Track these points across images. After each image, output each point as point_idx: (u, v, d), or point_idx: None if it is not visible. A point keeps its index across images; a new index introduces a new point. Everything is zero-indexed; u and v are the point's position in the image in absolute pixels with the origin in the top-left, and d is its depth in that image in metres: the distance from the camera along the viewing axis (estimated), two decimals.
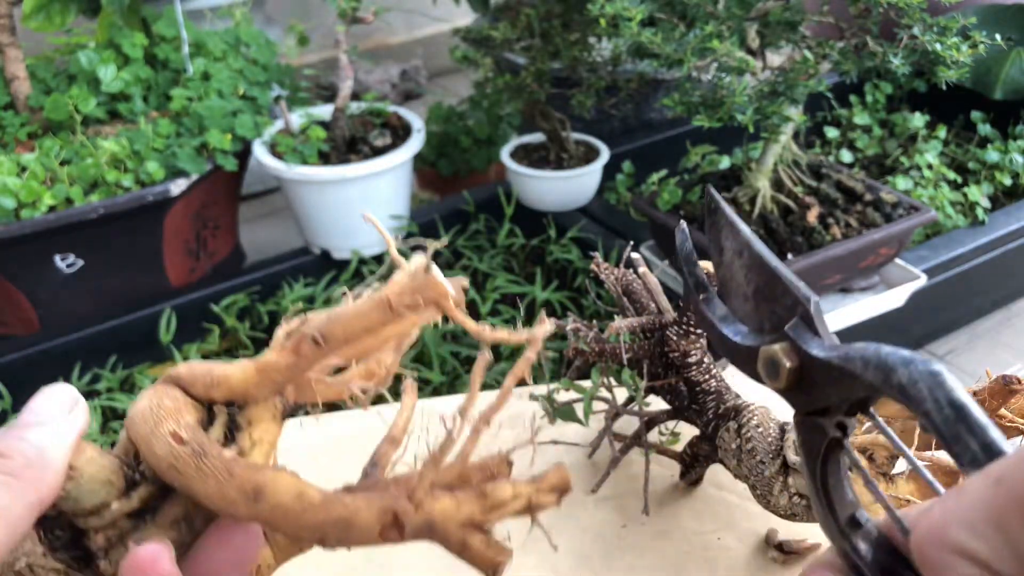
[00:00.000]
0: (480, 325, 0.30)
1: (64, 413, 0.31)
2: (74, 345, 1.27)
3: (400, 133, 1.50)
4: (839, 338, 0.35)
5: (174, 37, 1.48)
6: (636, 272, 0.66)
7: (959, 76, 1.04)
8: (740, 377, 0.66)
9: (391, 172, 1.40)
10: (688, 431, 0.66)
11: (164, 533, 0.30)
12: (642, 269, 0.66)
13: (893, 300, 1.30)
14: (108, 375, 1.23)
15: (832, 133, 1.74)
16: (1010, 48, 1.64)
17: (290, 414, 0.35)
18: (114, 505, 0.30)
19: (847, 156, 1.69)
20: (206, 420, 0.32)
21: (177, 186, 1.31)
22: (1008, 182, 1.58)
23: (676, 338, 0.60)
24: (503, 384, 0.30)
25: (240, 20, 1.57)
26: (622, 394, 0.67)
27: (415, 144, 1.44)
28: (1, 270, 1.26)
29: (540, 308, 1.37)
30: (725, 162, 1.58)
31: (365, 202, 1.41)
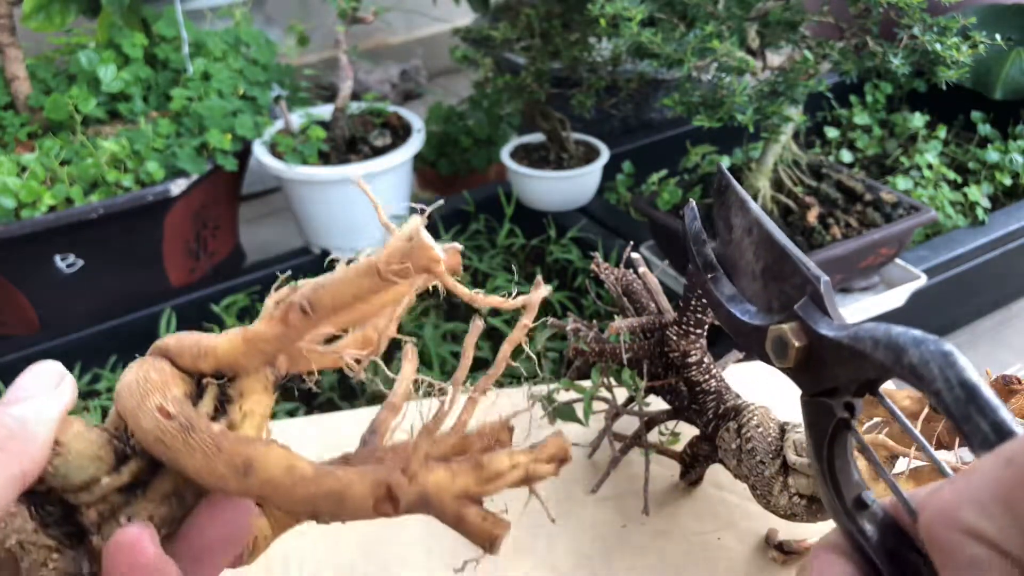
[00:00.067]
0: (473, 292, 0.29)
1: (49, 388, 0.31)
2: (74, 345, 1.27)
3: (400, 133, 1.50)
4: None
5: (174, 37, 1.48)
6: (636, 272, 0.66)
7: (959, 76, 1.04)
8: (740, 377, 0.66)
9: (391, 172, 1.40)
10: (688, 431, 0.66)
11: (155, 508, 0.30)
12: (642, 269, 0.66)
13: (893, 300, 1.30)
14: (108, 375, 1.23)
15: (832, 133, 1.74)
16: (1010, 48, 1.64)
17: (283, 384, 0.34)
18: (104, 480, 0.29)
19: (847, 156, 1.69)
20: (195, 393, 0.31)
21: (177, 186, 1.31)
22: (1008, 182, 1.58)
23: (676, 338, 0.60)
24: (500, 351, 0.29)
25: (240, 20, 1.57)
26: (622, 394, 0.67)
27: (415, 144, 1.44)
28: (1, 270, 1.26)
29: (540, 308, 1.37)
30: (725, 162, 1.58)
31: (365, 202, 1.40)
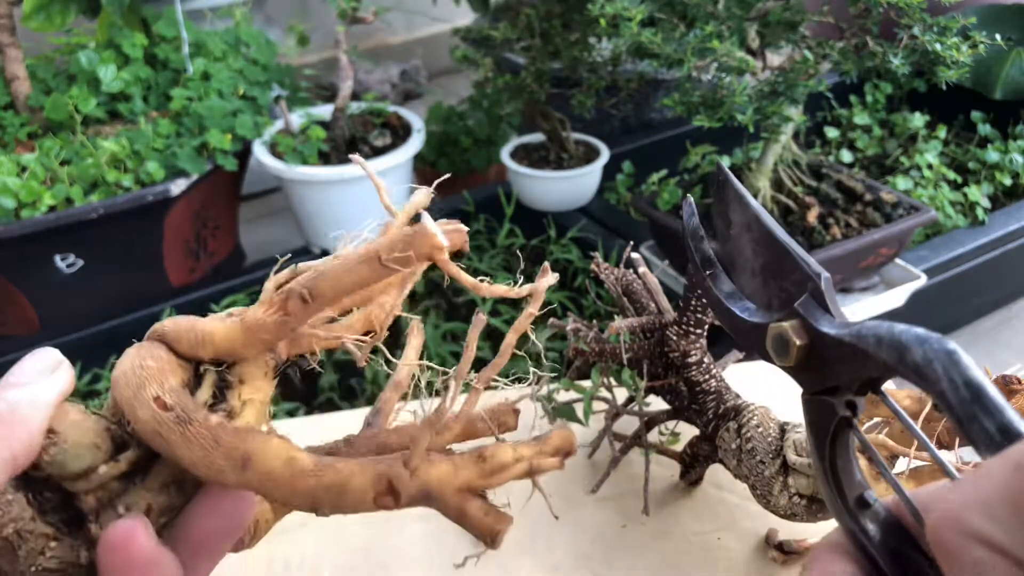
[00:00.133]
0: (478, 280, 0.27)
1: (44, 373, 0.31)
2: (74, 345, 1.27)
3: (400, 133, 1.50)
4: None
5: (174, 37, 1.48)
6: (636, 272, 0.66)
7: (959, 76, 1.04)
8: (740, 377, 0.66)
9: (391, 172, 1.40)
10: (688, 431, 0.66)
11: (153, 497, 0.29)
12: (642, 269, 0.66)
13: (893, 300, 1.30)
14: (108, 375, 1.23)
15: (832, 133, 1.74)
16: (1010, 48, 1.64)
17: (284, 368, 0.33)
18: (101, 469, 0.29)
19: (847, 156, 1.69)
20: (193, 380, 0.30)
21: (177, 186, 1.31)
22: (1008, 182, 1.58)
23: (676, 338, 0.60)
24: (504, 341, 0.28)
25: (240, 20, 1.57)
26: (622, 394, 0.67)
27: (415, 144, 1.44)
28: (1, 270, 1.26)
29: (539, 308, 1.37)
30: (725, 162, 1.58)
31: (365, 202, 1.40)
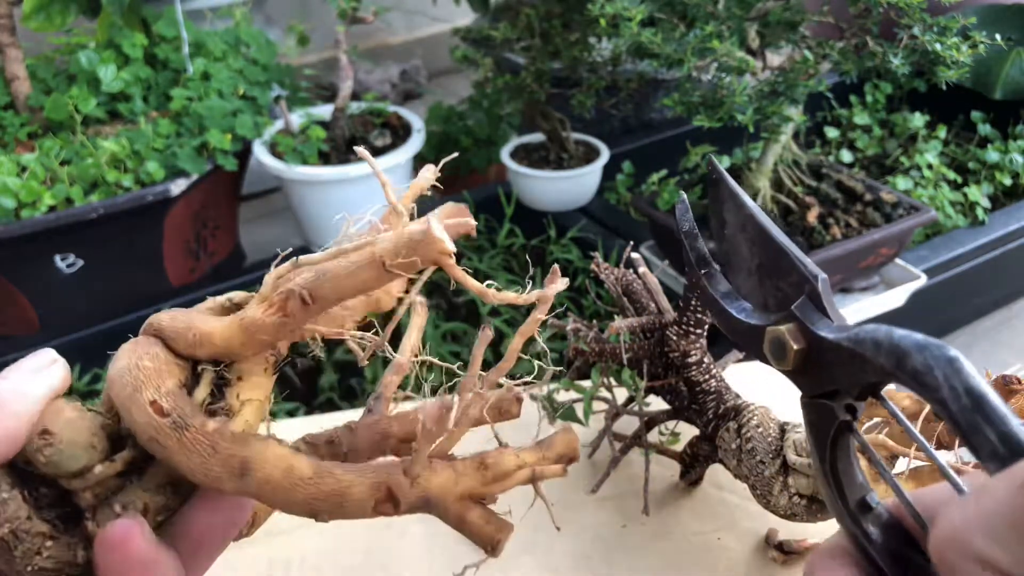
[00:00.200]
0: (484, 286, 0.27)
1: (35, 369, 0.31)
2: (74, 345, 1.27)
3: (400, 133, 1.50)
4: None
5: (174, 37, 1.47)
6: (636, 272, 0.66)
7: (959, 76, 1.04)
8: (740, 377, 0.66)
9: (391, 172, 1.40)
10: (688, 431, 0.66)
11: (150, 497, 0.29)
12: (642, 269, 0.66)
13: (893, 300, 1.30)
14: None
15: (832, 133, 1.74)
16: (1010, 48, 1.64)
17: (284, 364, 0.33)
18: (97, 468, 0.28)
19: (847, 156, 1.69)
20: (191, 378, 0.30)
21: (177, 186, 1.30)
22: (1008, 182, 1.58)
23: (676, 338, 0.60)
24: (511, 344, 0.28)
25: (240, 20, 1.57)
26: (622, 394, 0.67)
27: (415, 144, 1.44)
28: (1, 270, 1.26)
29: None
30: (725, 162, 1.58)
31: (365, 202, 1.40)
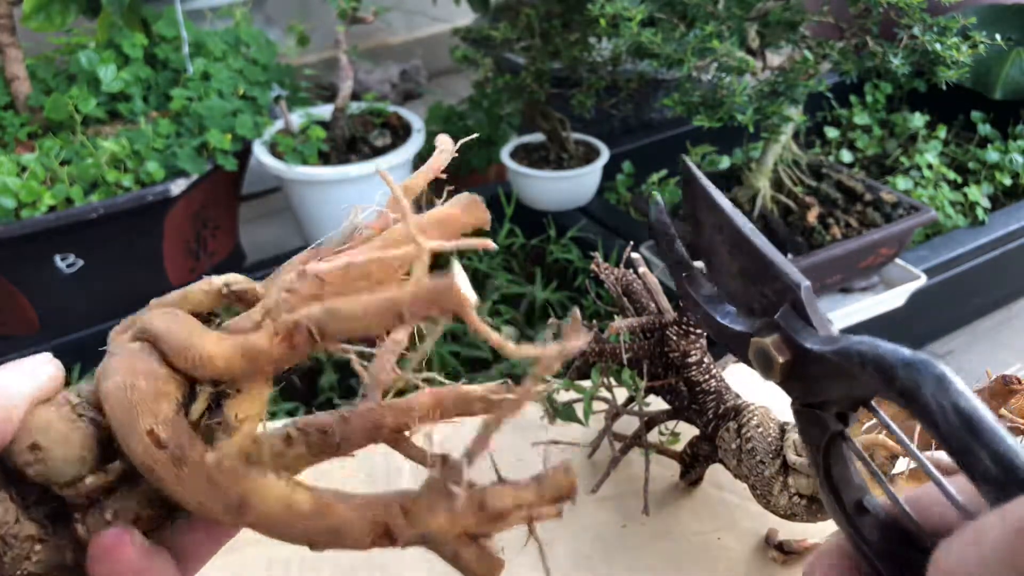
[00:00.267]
0: (504, 339, 0.26)
1: (21, 369, 0.30)
2: (74, 345, 1.27)
3: (400, 133, 1.50)
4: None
5: (174, 37, 1.47)
6: (636, 272, 0.66)
7: (959, 76, 1.04)
8: (740, 377, 0.66)
9: (391, 172, 1.40)
10: (688, 431, 0.66)
11: (141, 510, 0.29)
12: (642, 269, 0.66)
13: (893, 300, 1.30)
14: None
15: (832, 133, 1.74)
16: (1010, 48, 1.64)
17: (284, 376, 0.32)
18: (88, 479, 0.28)
19: (847, 156, 1.69)
20: (188, 393, 0.30)
21: (177, 186, 1.30)
22: (1008, 182, 1.58)
23: (676, 338, 0.60)
24: (486, 422, 0.26)
25: (240, 20, 1.57)
26: (622, 394, 0.67)
27: (415, 144, 1.44)
28: (1, 270, 1.26)
29: (540, 308, 1.37)
30: (725, 162, 1.58)
31: (365, 202, 1.40)
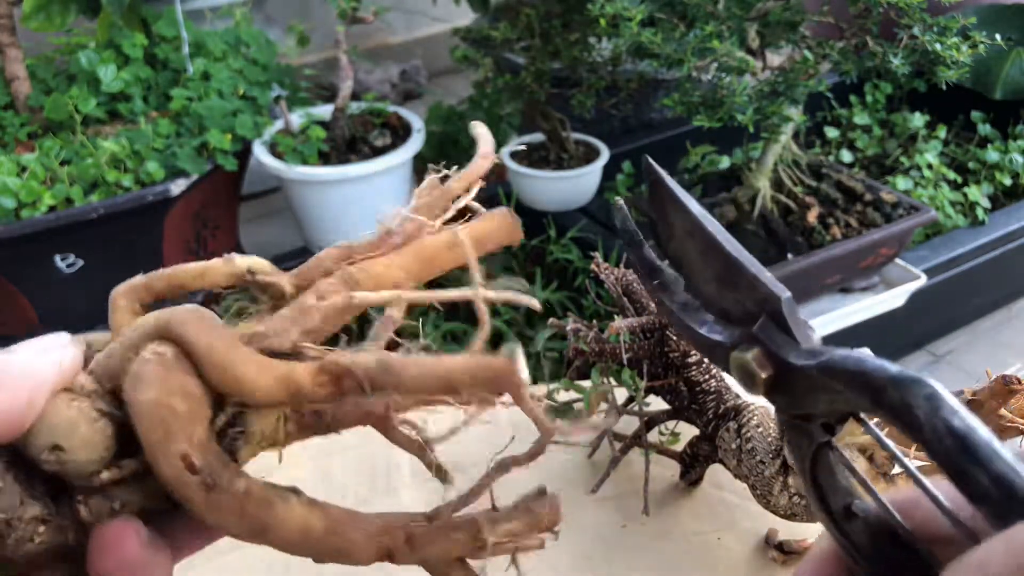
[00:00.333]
0: (544, 417, 0.27)
1: (42, 349, 0.28)
2: None
3: (400, 133, 1.50)
4: (839, 340, 0.31)
5: (174, 37, 1.47)
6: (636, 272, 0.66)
7: (959, 76, 1.04)
8: None
9: (391, 172, 1.40)
10: (688, 431, 0.66)
11: (147, 502, 0.29)
12: None
13: (893, 300, 1.30)
14: None
15: (832, 133, 1.74)
16: (1010, 48, 1.64)
17: None
18: (104, 474, 0.28)
19: (847, 156, 1.69)
20: (215, 407, 0.30)
21: (177, 186, 1.30)
22: (1008, 182, 1.58)
23: (676, 338, 0.60)
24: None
25: (240, 20, 1.57)
26: (622, 394, 0.67)
27: (415, 144, 1.44)
28: (1, 270, 1.26)
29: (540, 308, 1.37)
30: (725, 162, 1.58)
31: (365, 202, 1.40)
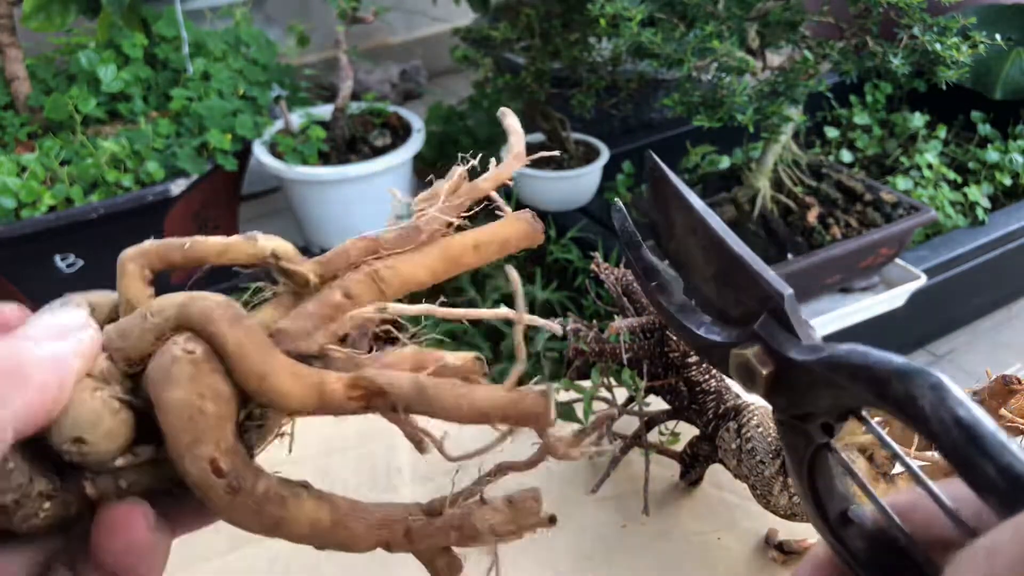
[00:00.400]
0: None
1: (61, 332, 0.27)
2: None
3: (400, 133, 1.50)
4: (839, 340, 0.31)
5: (174, 37, 1.47)
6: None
7: (959, 76, 1.04)
8: None
9: (391, 172, 1.40)
10: (688, 431, 0.66)
11: (155, 483, 0.29)
12: None
13: (893, 300, 1.30)
14: None
15: (832, 133, 1.74)
16: (1010, 48, 1.64)
17: None
18: (119, 461, 0.28)
19: (847, 156, 1.69)
20: (241, 405, 0.30)
21: (177, 186, 1.31)
22: (1008, 182, 1.58)
23: (676, 338, 0.60)
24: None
25: (240, 20, 1.57)
26: (622, 394, 0.67)
27: (415, 144, 1.44)
28: (1, 270, 1.26)
29: (540, 308, 1.37)
30: (725, 162, 1.58)
31: (365, 202, 1.40)
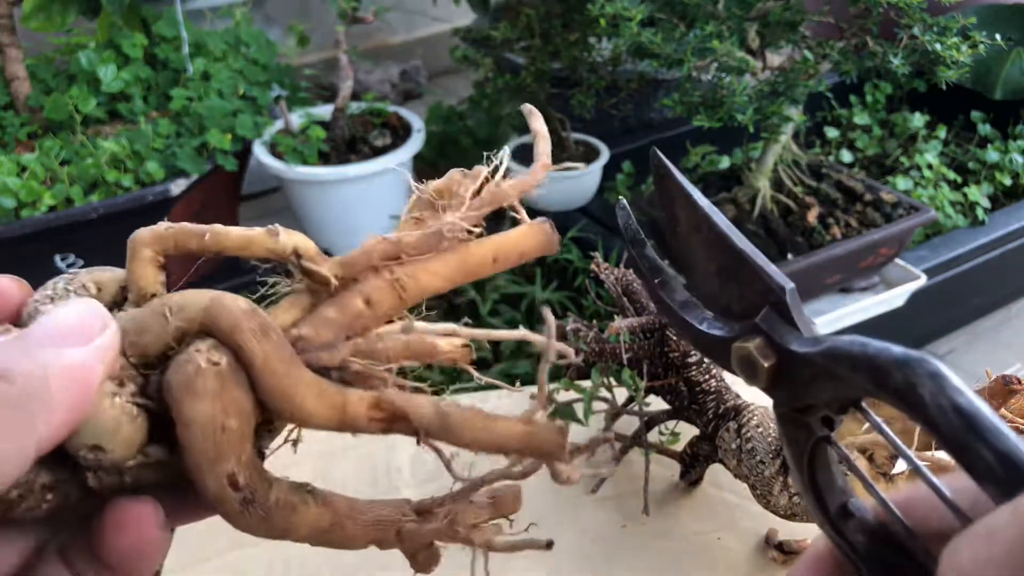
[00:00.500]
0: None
1: (84, 336, 0.24)
2: None
3: (400, 133, 1.50)
4: None
5: (174, 37, 1.47)
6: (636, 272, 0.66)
7: (959, 76, 1.04)
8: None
9: (391, 172, 1.40)
10: (688, 431, 0.66)
11: (160, 480, 0.29)
12: None
13: (893, 300, 1.30)
14: None
15: (832, 133, 1.74)
16: (1010, 48, 1.64)
17: None
18: (129, 463, 0.28)
19: (847, 156, 1.69)
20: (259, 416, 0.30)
21: (177, 186, 1.31)
22: (1008, 182, 1.58)
23: (676, 338, 0.60)
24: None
25: (240, 20, 1.57)
26: (622, 394, 0.67)
27: (415, 144, 1.44)
28: (1, 270, 1.26)
29: (540, 308, 1.37)
30: (725, 162, 1.58)
31: (365, 202, 1.40)
